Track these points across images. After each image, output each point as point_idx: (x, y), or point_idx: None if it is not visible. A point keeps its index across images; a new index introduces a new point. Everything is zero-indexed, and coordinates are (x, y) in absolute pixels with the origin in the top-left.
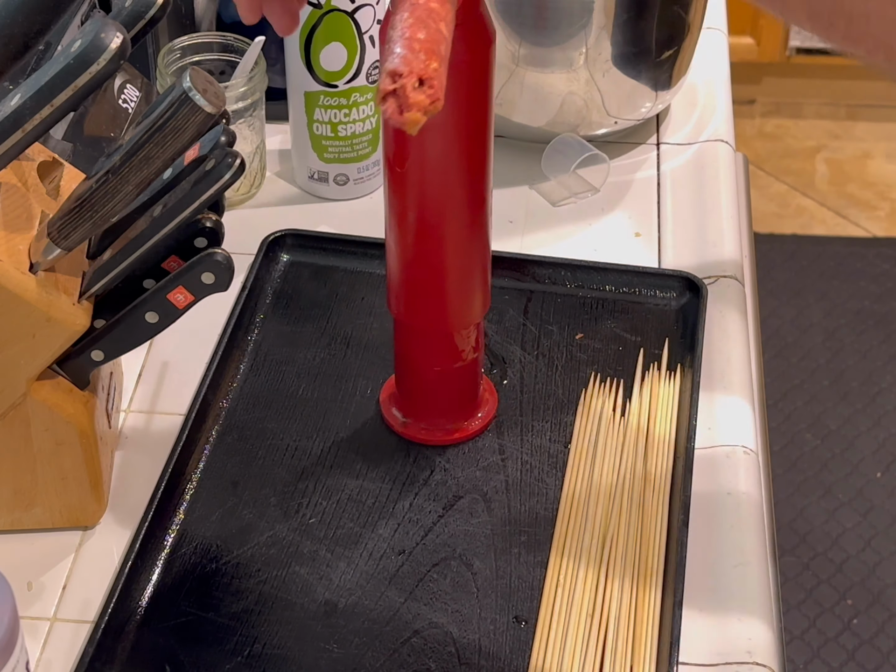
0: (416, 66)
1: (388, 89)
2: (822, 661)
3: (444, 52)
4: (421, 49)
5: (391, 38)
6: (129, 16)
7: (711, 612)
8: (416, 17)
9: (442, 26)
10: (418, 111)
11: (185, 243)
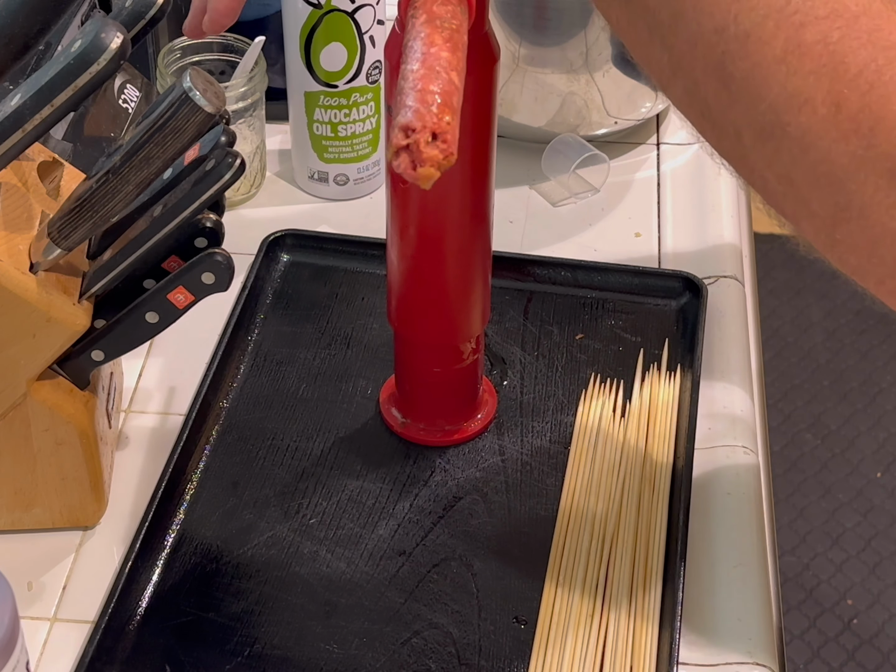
0: (429, 121)
1: (400, 144)
2: (822, 661)
3: (457, 103)
4: (433, 102)
5: (402, 89)
6: (130, 16)
7: (711, 612)
8: (428, 67)
9: (454, 76)
10: (432, 166)
11: (185, 243)
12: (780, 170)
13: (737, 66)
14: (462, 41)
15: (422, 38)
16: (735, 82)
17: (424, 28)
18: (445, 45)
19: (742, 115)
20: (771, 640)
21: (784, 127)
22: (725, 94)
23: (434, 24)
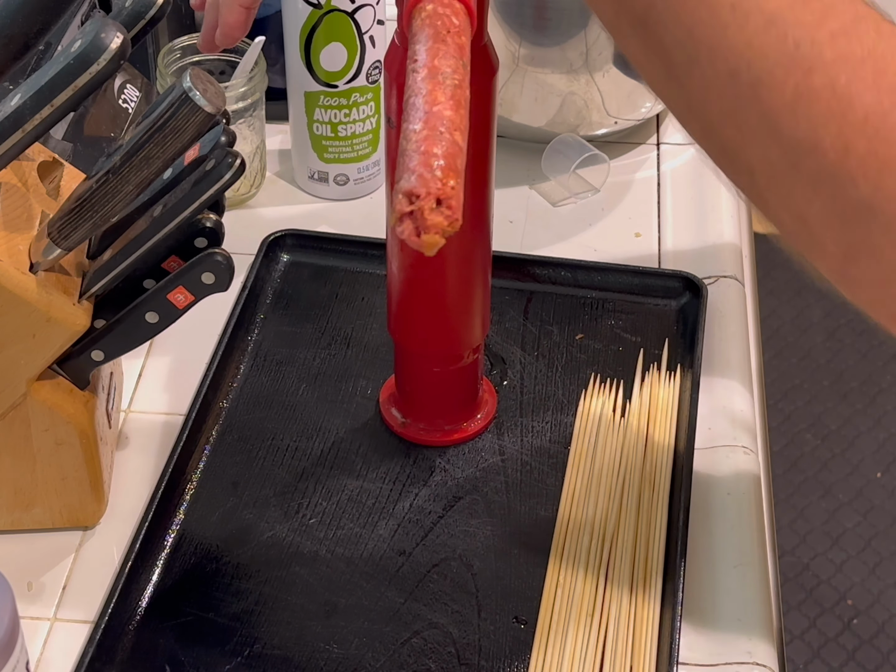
0: (433, 187)
1: (404, 211)
2: (822, 662)
3: (461, 165)
4: (437, 166)
5: (405, 150)
6: (130, 16)
7: (711, 612)
8: (431, 127)
9: (458, 136)
10: (436, 233)
11: (185, 243)
12: (793, 209)
13: (750, 111)
14: (465, 97)
15: (423, 95)
16: (748, 126)
17: (426, 84)
18: (448, 102)
19: (756, 157)
20: (771, 640)
21: (796, 170)
22: (739, 137)
23: (436, 79)
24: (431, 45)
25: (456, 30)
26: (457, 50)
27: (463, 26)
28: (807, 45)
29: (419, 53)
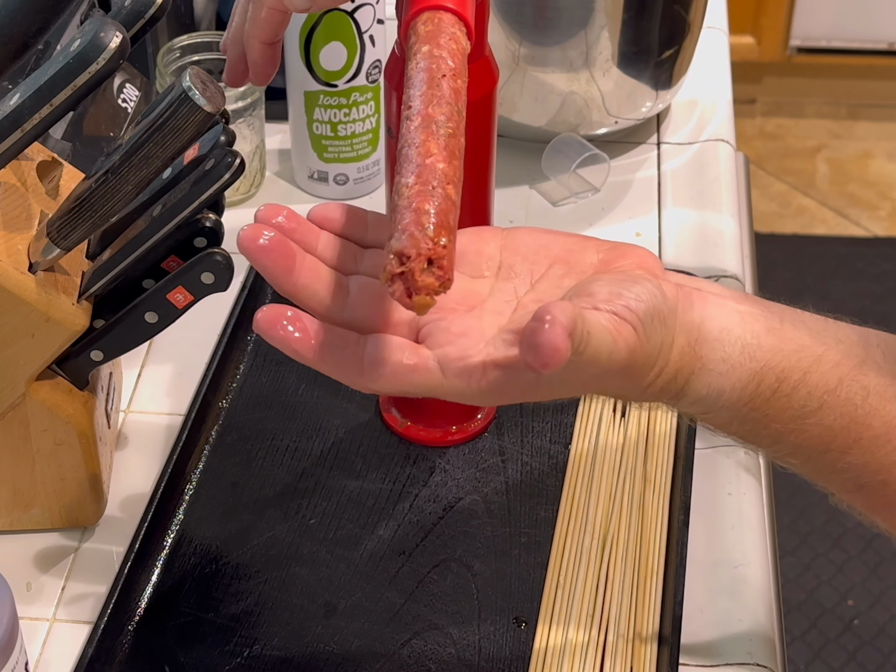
0: (424, 247)
1: (395, 272)
2: (822, 662)
3: (454, 220)
4: (429, 224)
5: (397, 206)
6: (129, 15)
7: (712, 613)
8: (423, 181)
9: (450, 190)
10: (427, 294)
11: (184, 243)
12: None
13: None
14: (459, 146)
15: (416, 146)
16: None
17: (419, 134)
18: (441, 154)
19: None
20: (771, 640)
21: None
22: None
23: (430, 129)
24: (426, 90)
25: (451, 73)
26: (452, 95)
27: (458, 68)
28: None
29: (413, 99)
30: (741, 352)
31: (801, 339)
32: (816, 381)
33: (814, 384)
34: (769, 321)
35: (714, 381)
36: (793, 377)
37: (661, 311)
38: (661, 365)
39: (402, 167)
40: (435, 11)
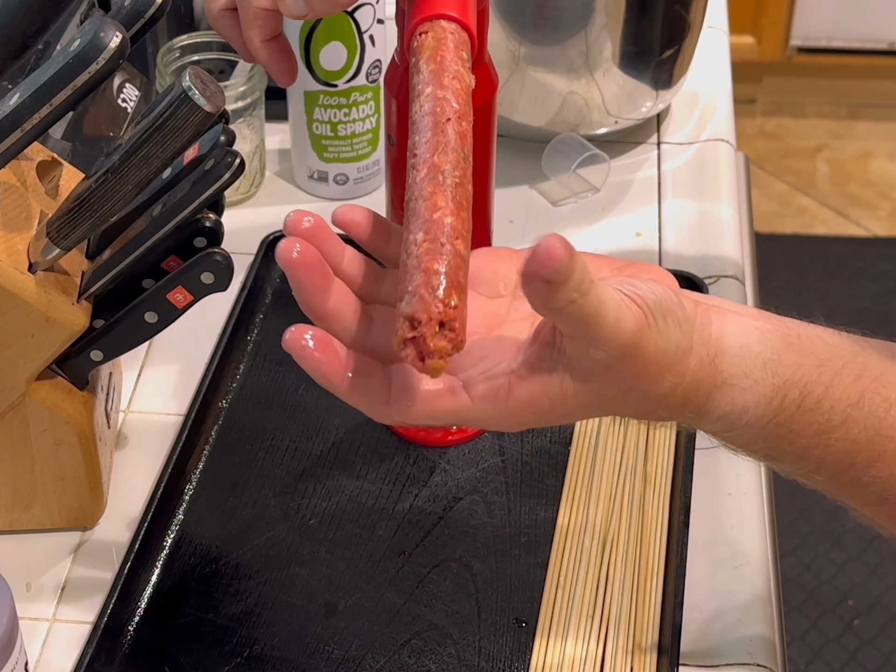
0: (435, 311)
1: (406, 337)
2: (823, 662)
3: (464, 278)
4: (439, 285)
5: (406, 266)
6: (129, 15)
7: (712, 613)
8: (432, 238)
9: (460, 245)
10: (440, 357)
11: (184, 243)
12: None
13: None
14: (467, 195)
15: (424, 198)
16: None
17: (426, 186)
18: (449, 207)
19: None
20: (772, 640)
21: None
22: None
23: (436, 179)
24: (431, 137)
25: (456, 115)
26: (457, 140)
27: (463, 109)
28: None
29: (419, 147)
30: (763, 367)
31: (821, 353)
32: (839, 394)
33: (837, 398)
34: (787, 337)
35: (738, 397)
36: (816, 392)
37: (675, 313)
38: (678, 371)
39: (410, 222)
40: (437, 21)
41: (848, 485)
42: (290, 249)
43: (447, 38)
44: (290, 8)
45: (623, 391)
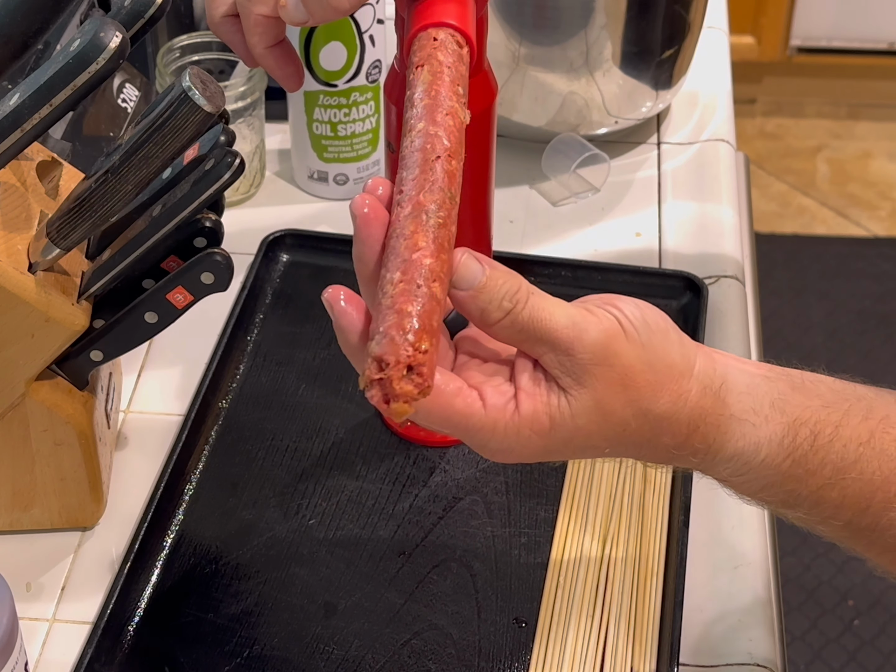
0: (403, 354)
1: (373, 377)
2: (823, 663)
3: (438, 321)
4: (410, 329)
5: (380, 305)
6: (129, 15)
7: (712, 613)
8: (409, 279)
9: (436, 288)
10: (405, 402)
11: (184, 243)
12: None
13: None
14: (449, 236)
15: (405, 237)
16: None
17: (408, 225)
18: (429, 248)
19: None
20: (772, 641)
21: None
22: None
23: (419, 219)
24: (418, 175)
25: (446, 154)
26: (445, 180)
27: (454, 148)
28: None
29: (405, 184)
30: (771, 405)
31: (826, 396)
32: (849, 434)
33: (847, 437)
34: (791, 381)
35: (749, 433)
36: (826, 431)
37: (667, 334)
38: (674, 391)
39: (389, 260)
40: (437, 28)
41: (866, 530)
42: (363, 204)
43: (443, 71)
44: (291, 15)
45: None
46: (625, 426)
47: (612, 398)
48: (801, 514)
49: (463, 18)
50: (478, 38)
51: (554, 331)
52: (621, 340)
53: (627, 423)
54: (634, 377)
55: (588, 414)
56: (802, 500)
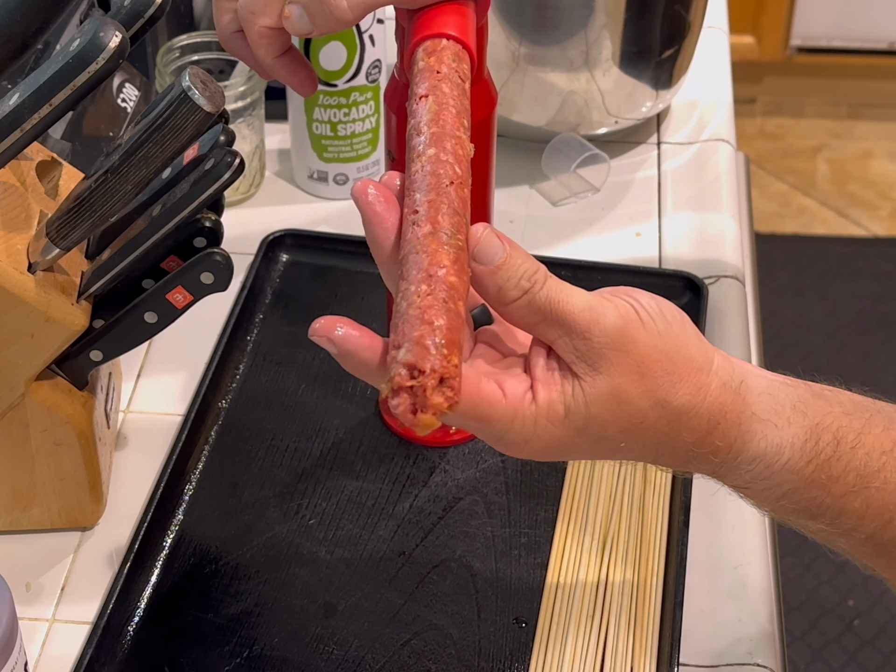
0: (438, 364)
1: (404, 384)
2: (823, 663)
3: (462, 340)
4: (440, 341)
5: (404, 314)
6: (128, 15)
7: (712, 613)
8: (435, 293)
9: (461, 306)
10: (434, 414)
11: (184, 243)
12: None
13: None
14: (466, 259)
15: (427, 253)
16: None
17: (429, 242)
18: (453, 267)
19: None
20: (772, 641)
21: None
22: None
23: (439, 238)
24: (434, 198)
25: (459, 181)
26: (460, 205)
27: (465, 177)
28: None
29: (420, 204)
30: (793, 408)
31: (846, 404)
32: (872, 442)
33: (870, 445)
34: (811, 388)
35: (771, 434)
36: (849, 437)
37: (685, 324)
38: (693, 383)
39: (411, 273)
40: (438, 40)
41: (889, 544)
42: (365, 189)
43: (449, 103)
44: (295, 26)
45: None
46: (642, 417)
47: (629, 385)
48: (822, 525)
49: (463, 29)
50: (478, 48)
51: (570, 313)
52: (638, 327)
53: (645, 415)
54: (651, 366)
55: (603, 401)
56: (825, 510)
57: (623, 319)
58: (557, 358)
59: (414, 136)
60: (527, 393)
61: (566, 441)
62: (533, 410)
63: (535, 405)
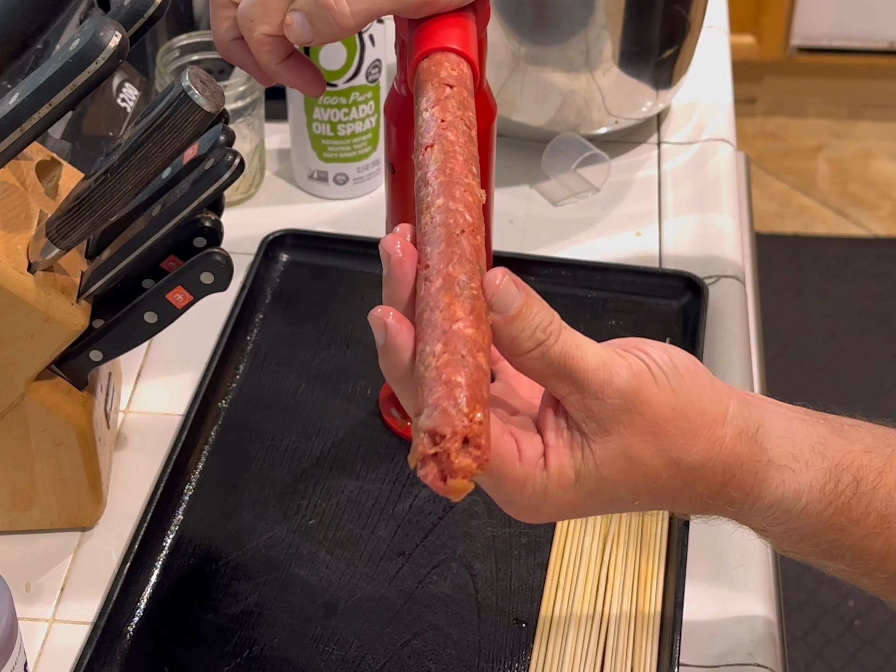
0: (459, 425)
1: (428, 453)
2: (823, 663)
3: (486, 392)
4: (461, 399)
5: (423, 378)
6: (128, 14)
7: (712, 613)
8: (452, 350)
9: (481, 358)
10: (464, 477)
11: (184, 243)
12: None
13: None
14: (484, 308)
15: (441, 309)
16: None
17: (443, 297)
18: (468, 318)
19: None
20: (772, 641)
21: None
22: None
23: (453, 290)
24: (445, 248)
25: (470, 228)
26: (472, 252)
27: (476, 224)
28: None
29: (431, 258)
30: (811, 450)
31: (866, 441)
32: (893, 480)
33: (892, 483)
34: (830, 425)
35: (789, 479)
36: (869, 477)
37: (698, 378)
38: (708, 438)
39: (426, 333)
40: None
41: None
42: (394, 243)
43: (455, 150)
44: (297, 34)
45: (646, 457)
46: (655, 477)
47: (641, 447)
48: (843, 566)
49: (466, 42)
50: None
51: (584, 371)
52: (651, 386)
53: (658, 474)
54: (664, 425)
55: (614, 463)
56: (845, 551)
57: (636, 378)
58: (566, 414)
59: (422, 187)
60: (540, 459)
61: (578, 504)
62: (544, 477)
63: (546, 472)
